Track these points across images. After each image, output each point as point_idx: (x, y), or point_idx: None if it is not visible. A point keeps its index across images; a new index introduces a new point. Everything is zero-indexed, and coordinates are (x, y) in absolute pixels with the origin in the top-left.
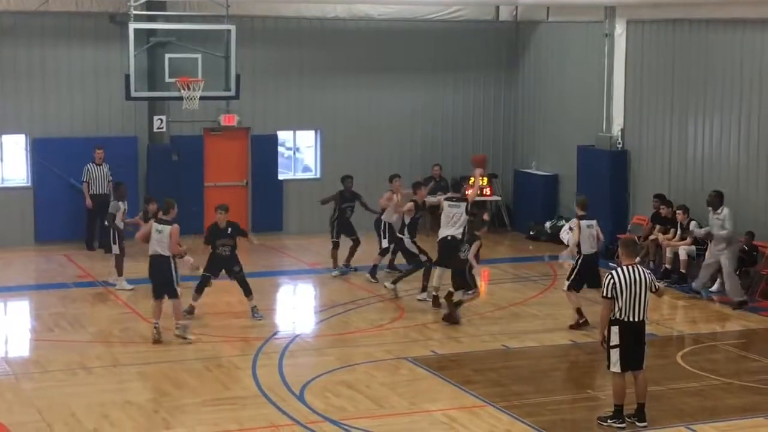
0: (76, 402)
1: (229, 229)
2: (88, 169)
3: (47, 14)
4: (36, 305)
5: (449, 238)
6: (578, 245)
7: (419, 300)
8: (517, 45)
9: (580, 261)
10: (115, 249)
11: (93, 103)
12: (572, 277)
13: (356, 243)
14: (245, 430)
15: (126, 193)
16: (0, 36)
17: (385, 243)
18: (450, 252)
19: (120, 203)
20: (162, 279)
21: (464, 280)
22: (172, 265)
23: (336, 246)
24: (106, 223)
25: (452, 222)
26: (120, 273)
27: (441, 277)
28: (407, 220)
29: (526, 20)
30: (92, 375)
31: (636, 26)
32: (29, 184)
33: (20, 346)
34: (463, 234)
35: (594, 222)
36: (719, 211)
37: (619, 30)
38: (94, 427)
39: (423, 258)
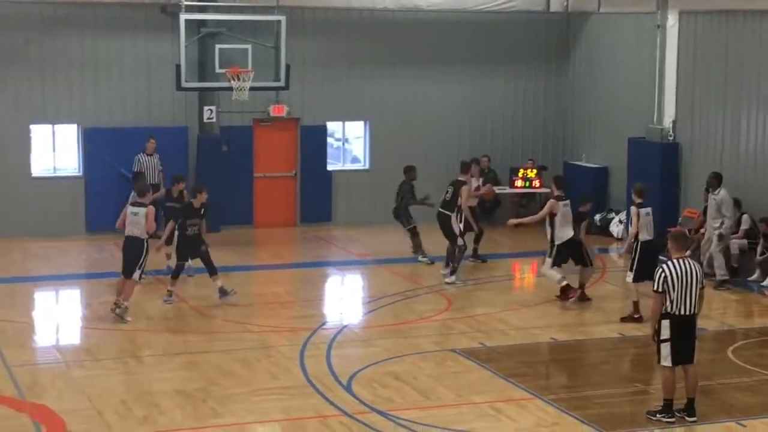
0: (126, 390)
1: (202, 210)
2: (138, 160)
3: (100, 5)
4: (87, 294)
5: (575, 239)
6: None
7: (447, 283)
8: (568, 36)
9: (639, 249)
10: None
11: (144, 93)
12: (635, 267)
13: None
14: (293, 420)
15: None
16: (53, 26)
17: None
18: (575, 251)
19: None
20: (129, 258)
21: (584, 258)
22: (144, 248)
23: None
24: None
25: (570, 221)
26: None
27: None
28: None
29: (577, 11)
30: (142, 364)
31: (688, 17)
32: (81, 174)
33: (71, 335)
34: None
35: (650, 209)
36: (716, 192)
37: (672, 21)
38: (144, 415)
39: (460, 242)
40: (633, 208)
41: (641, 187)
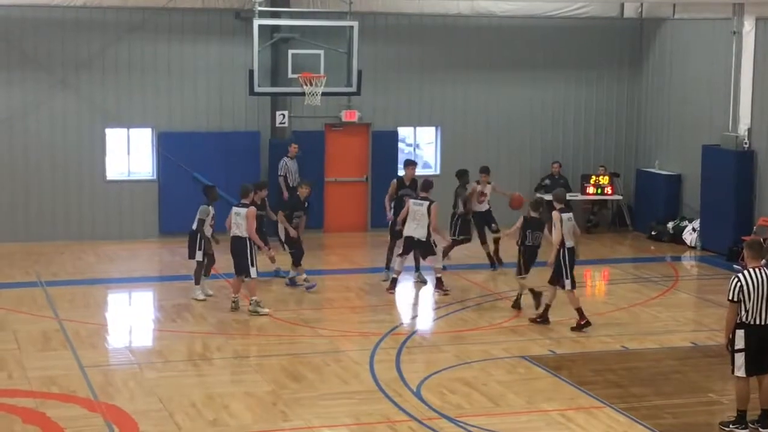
0: (196, 392)
1: (306, 203)
2: (285, 163)
3: (174, 11)
4: (159, 296)
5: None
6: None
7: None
8: (642, 42)
9: (567, 255)
10: (199, 255)
11: (217, 98)
12: (570, 274)
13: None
14: (362, 425)
15: (218, 197)
16: (129, 32)
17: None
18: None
19: (210, 207)
20: (239, 258)
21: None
22: (248, 246)
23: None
24: (194, 227)
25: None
26: (197, 281)
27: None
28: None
29: (652, 17)
30: (213, 366)
31: (765, 23)
32: (154, 177)
33: (144, 337)
34: None
35: (572, 215)
36: None
37: (748, 27)
38: (214, 417)
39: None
40: (555, 213)
41: (561, 193)
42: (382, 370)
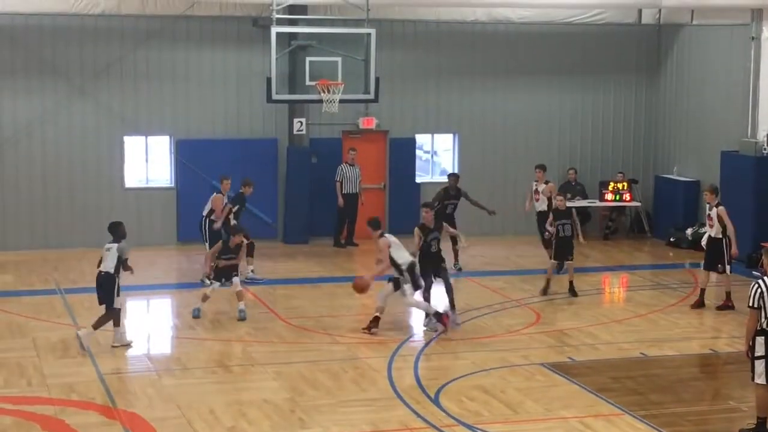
0: (215, 399)
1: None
2: (342, 169)
3: (192, 18)
4: (178, 303)
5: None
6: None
7: None
8: (660, 48)
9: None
10: (117, 303)
11: (235, 105)
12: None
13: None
14: None
15: (125, 233)
16: (147, 39)
17: None
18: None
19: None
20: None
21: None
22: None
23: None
24: (110, 269)
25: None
26: (117, 323)
27: None
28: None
29: (669, 23)
30: (231, 373)
31: None
32: (173, 185)
33: (162, 344)
34: None
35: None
36: None
37: (766, 33)
38: (232, 424)
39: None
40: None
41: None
42: (400, 377)
